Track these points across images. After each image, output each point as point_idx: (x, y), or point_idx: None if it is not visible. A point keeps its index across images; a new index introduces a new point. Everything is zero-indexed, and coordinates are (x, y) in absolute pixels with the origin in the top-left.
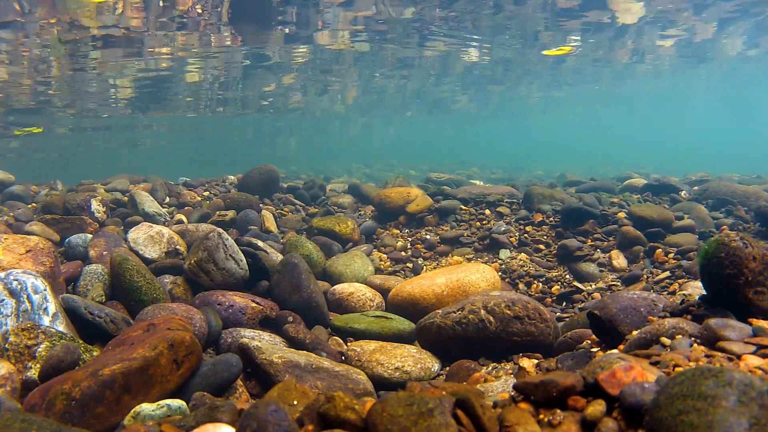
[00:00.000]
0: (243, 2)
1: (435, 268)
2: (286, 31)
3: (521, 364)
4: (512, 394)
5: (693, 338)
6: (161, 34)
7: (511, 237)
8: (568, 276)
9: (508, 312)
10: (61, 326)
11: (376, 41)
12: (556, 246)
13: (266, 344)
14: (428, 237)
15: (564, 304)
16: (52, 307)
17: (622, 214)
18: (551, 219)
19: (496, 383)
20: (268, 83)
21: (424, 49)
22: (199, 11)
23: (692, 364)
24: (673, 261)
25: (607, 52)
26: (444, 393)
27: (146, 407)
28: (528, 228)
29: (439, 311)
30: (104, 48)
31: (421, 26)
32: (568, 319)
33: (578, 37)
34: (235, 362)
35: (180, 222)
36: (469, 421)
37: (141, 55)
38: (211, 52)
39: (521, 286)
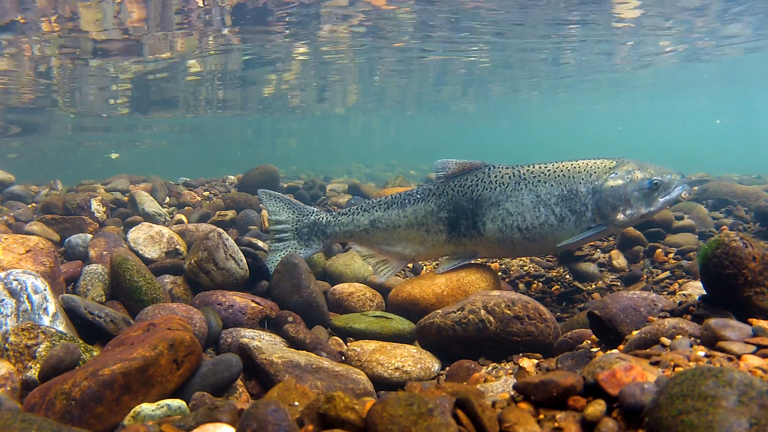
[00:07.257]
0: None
1: (435, 268)
2: (287, 32)
3: (521, 364)
4: (512, 394)
5: (693, 338)
6: (160, 34)
7: None
8: (568, 276)
9: (508, 312)
10: (61, 326)
11: (377, 39)
12: None
13: (266, 344)
14: None
15: (564, 304)
16: (52, 307)
17: None
18: None
19: (496, 383)
20: (267, 83)
21: (425, 53)
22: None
23: (692, 364)
24: (673, 261)
25: (606, 50)
26: (444, 393)
27: (146, 407)
28: None
29: (439, 311)
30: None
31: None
32: (568, 319)
33: (576, 34)
34: (235, 362)
35: (180, 222)
36: (469, 421)
37: (141, 55)
38: (210, 44)
39: (521, 286)
